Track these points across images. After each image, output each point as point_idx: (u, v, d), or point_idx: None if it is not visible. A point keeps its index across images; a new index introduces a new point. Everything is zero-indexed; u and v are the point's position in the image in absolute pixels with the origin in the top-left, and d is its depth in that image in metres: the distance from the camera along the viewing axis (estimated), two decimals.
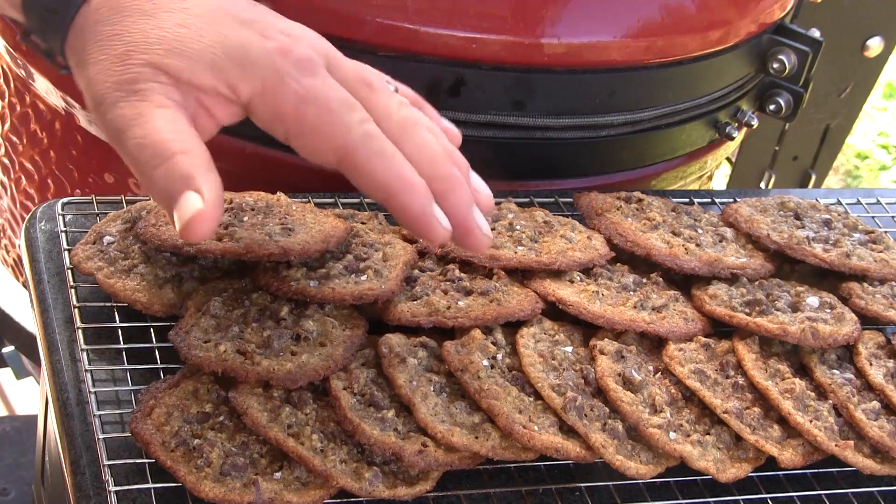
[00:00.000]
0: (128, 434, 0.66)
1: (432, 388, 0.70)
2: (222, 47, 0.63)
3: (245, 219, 0.75)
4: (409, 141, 0.65)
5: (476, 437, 0.68)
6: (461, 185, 0.66)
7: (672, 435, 0.70)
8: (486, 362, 0.71)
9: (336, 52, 0.67)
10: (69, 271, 0.76)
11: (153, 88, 0.62)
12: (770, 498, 0.73)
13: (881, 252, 0.87)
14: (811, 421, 0.73)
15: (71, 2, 0.65)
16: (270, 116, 0.64)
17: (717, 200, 0.95)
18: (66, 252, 0.77)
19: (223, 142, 0.93)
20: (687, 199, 0.93)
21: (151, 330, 0.73)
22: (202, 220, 0.59)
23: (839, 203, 0.98)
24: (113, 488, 0.64)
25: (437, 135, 0.68)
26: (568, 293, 0.77)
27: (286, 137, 0.64)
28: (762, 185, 1.49)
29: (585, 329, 0.78)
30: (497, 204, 0.86)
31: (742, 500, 0.72)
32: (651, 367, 0.75)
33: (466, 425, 0.69)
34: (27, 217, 0.80)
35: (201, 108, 0.64)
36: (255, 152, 0.93)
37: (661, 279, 0.81)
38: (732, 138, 1.06)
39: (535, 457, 0.69)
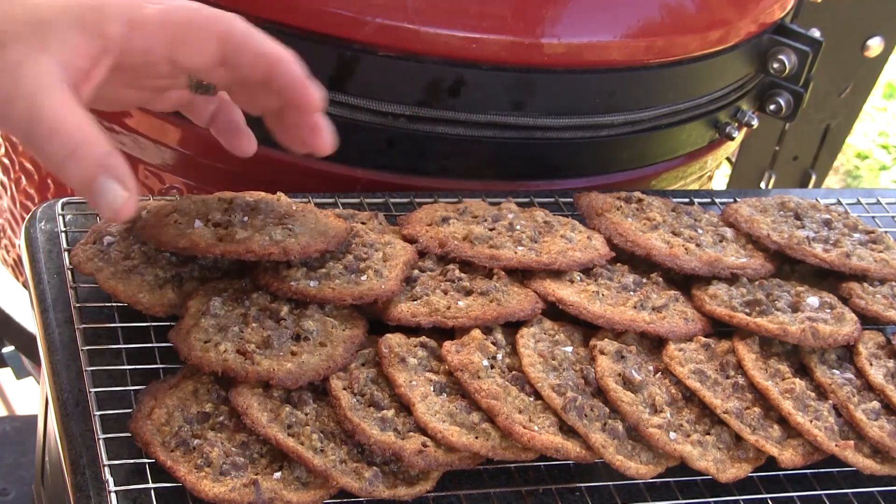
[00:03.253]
0: (128, 434, 0.66)
1: (432, 388, 0.70)
2: (78, 3, 0.65)
3: (245, 219, 0.75)
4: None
5: (476, 437, 0.68)
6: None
7: (672, 435, 0.70)
8: (485, 362, 0.71)
9: None
10: (69, 271, 0.76)
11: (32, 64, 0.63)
12: (770, 498, 0.73)
13: (881, 252, 0.87)
14: (811, 421, 0.73)
15: None
16: (143, 43, 0.66)
17: (717, 200, 0.95)
18: (66, 252, 0.77)
19: None
20: (687, 199, 0.93)
21: (151, 330, 0.73)
22: (128, 207, 0.63)
23: (839, 203, 0.98)
24: (113, 488, 0.64)
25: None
26: (568, 293, 0.77)
27: (169, 55, 0.67)
28: (762, 185, 1.49)
29: (585, 329, 0.77)
30: (497, 204, 0.86)
31: (742, 500, 0.72)
32: (651, 367, 0.75)
33: (466, 425, 0.68)
34: (27, 217, 0.80)
35: (80, 73, 0.65)
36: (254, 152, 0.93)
37: (661, 279, 0.81)
38: (732, 138, 1.06)
39: (535, 457, 0.69)
